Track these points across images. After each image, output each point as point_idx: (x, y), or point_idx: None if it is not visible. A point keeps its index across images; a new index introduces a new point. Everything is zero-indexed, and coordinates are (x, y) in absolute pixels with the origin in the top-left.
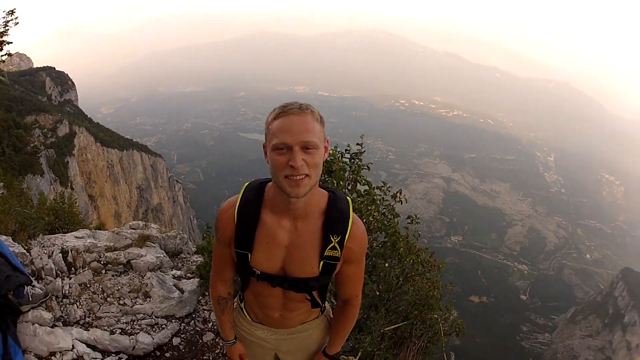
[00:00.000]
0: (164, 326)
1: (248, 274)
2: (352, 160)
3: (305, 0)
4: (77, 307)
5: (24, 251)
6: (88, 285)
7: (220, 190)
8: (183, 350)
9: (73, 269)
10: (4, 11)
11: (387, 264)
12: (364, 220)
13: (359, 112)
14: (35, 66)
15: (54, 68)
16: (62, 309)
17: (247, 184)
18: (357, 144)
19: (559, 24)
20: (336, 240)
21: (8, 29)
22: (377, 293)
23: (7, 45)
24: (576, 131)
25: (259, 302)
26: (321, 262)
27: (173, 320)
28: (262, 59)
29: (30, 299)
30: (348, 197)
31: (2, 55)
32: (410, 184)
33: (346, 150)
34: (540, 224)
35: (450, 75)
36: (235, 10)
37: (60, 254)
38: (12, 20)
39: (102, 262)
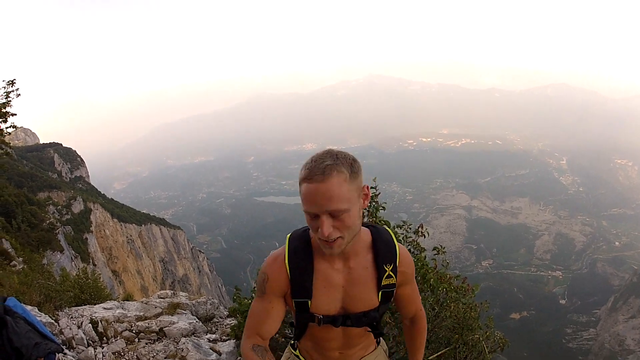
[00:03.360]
0: None
1: (307, 320)
2: (370, 204)
3: (298, 61)
4: None
5: (52, 321)
6: (122, 354)
7: (244, 256)
8: None
9: (105, 338)
10: (4, 81)
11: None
12: None
13: (368, 159)
14: (41, 141)
15: (61, 144)
16: None
17: (289, 234)
18: (371, 187)
19: (542, 31)
20: (390, 269)
21: (10, 100)
22: None
23: (11, 116)
24: (583, 127)
25: (318, 345)
26: (380, 292)
27: None
28: (266, 121)
29: None
30: (388, 229)
31: (7, 127)
32: (432, 220)
33: None
34: (565, 228)
35: (452, 106)
36: (231, 77)
37: (90, 324)
38: (13, 91)
39: (134, 331)
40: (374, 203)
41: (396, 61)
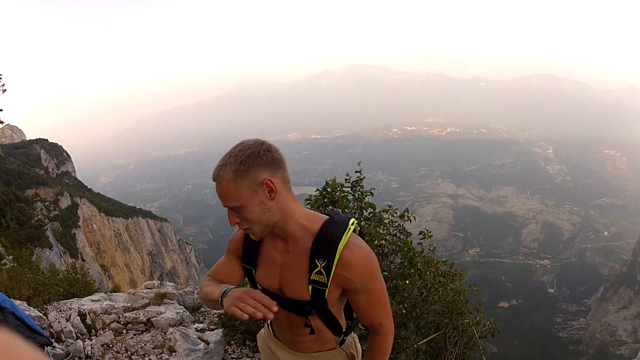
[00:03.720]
0: None
1: (255, 288)
2: (354, 189)
3: (282, 51)
4: None
5: (41, 315)
6: (110, 345)
7: None
8: None
9: (93, 330)
10: None
11: (407, 282)
12: (376, 243)
13: (353, 148)
14: (27, 138)
15: (47, 140)
16: None
17: None
18: (356, 172)
19: (530, 20)
20: (322, 265)
21: None
22: (404, 312)
23: None
24: (569, 117)
25: (274, 319)
26: (310, 286)
27: None
28: (251, 111)
29: None
30: (353, 219)
31: None
32: (418, 208)
33: (346, 179)
34: (553, 217)
35: (437, 95)
36: (217, 69)
37: (79, 317)
38: None
39: (121, 323)
40: (359, 188)
41: (382, 51)
